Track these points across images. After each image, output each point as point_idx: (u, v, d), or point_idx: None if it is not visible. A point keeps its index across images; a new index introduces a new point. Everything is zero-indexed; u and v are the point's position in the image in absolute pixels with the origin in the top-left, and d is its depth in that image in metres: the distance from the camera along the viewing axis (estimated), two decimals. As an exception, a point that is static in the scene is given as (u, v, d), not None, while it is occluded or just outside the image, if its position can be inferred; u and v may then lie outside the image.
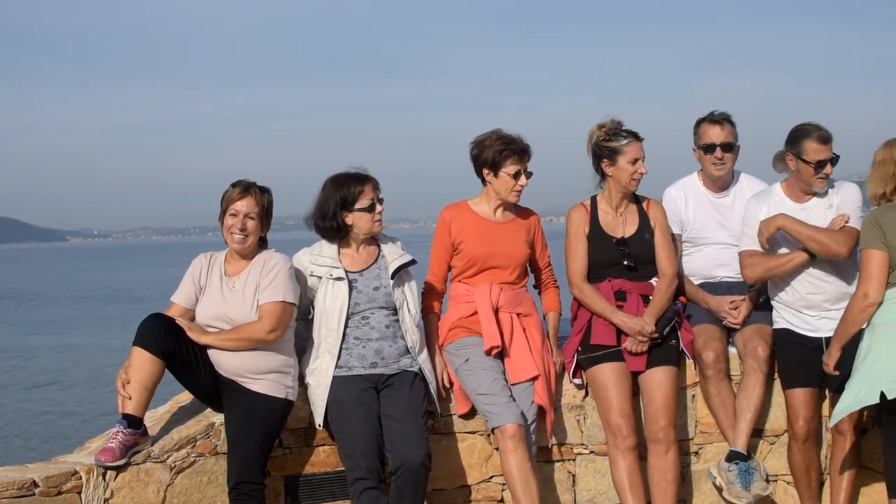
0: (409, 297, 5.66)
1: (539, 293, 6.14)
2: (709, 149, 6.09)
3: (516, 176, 5.75)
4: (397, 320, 5.61)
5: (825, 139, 5.66)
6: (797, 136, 5.71)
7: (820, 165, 5.65)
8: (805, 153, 5.65)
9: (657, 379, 5.71)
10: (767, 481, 5.82)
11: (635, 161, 5.79)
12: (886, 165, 5.30)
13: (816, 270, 5.75)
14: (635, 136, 5.81)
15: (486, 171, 5.80)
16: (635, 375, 5.78)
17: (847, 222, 5.65)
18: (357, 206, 5.56)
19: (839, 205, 5.74)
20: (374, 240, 5.73)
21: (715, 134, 6.08)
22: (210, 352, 5.38)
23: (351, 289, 5.56)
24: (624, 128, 5.82)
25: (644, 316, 5.72)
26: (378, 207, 5.60)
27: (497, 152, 5.73)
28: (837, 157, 5.72)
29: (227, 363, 5.37)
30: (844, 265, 5.71)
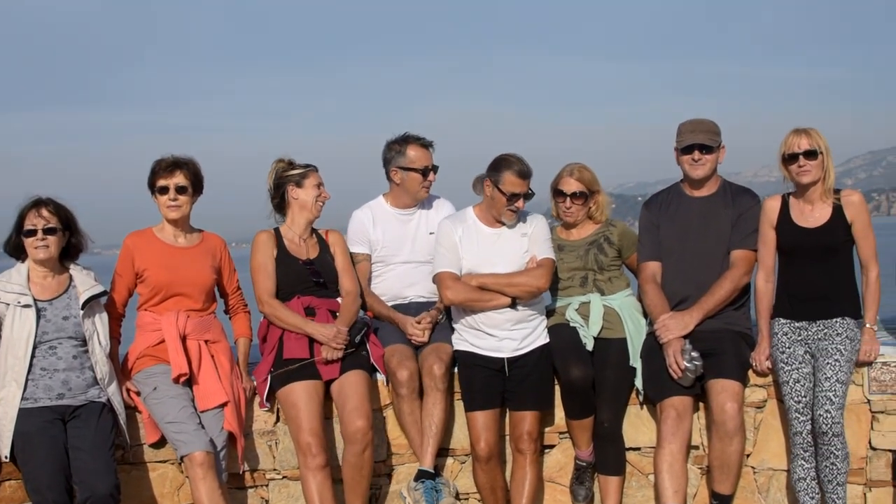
0: (99, 328, 5.59)
1: (230, 319, 6.19)
2: (425, 172, 6.38)
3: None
4: (86, 351, 5.53)
5: (524, 174, 5.81)
6: (499, 166, 5.83)
7: (513, 198, 5.80)
8: (502, 183, 5.79)
9: (350, 381, 5.83)
10: (458, 499, 5.94)
11: (319, 186, 6.12)
12: None
13: None
14: (314, 167, 6.18)
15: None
16: (328, 387, 5.87)
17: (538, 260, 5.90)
18: (25, 229, 5.52)
19: (532, 235, 5.94)
20: (65, 268, 5.65)
21: (426, 157, 6.40)
22: None
23: (39, 317, 5.44)
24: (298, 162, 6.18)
25: (336, 323, 5.91)
26: (39, 234, 5.49)
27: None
28: (532, 193, 5.89)
29: None
30: None
